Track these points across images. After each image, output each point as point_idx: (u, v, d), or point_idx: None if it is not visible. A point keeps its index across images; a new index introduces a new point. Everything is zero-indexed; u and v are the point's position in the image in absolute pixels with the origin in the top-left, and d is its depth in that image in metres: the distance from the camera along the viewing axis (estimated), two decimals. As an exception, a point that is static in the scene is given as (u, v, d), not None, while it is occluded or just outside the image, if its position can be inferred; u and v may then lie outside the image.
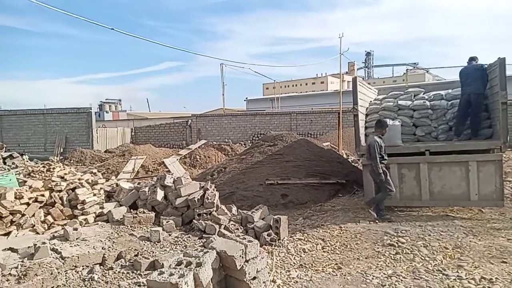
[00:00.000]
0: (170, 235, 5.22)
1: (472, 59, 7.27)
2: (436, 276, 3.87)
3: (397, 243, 4.85)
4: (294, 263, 4.37)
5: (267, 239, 5.00)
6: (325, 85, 63.56)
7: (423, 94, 7.93)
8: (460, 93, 7.24)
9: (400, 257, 4.43)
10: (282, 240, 5.10)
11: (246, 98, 51.07)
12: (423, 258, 4.37)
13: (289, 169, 9.24)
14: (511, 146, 14.34)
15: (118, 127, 23.27)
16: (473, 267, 4.05)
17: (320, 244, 5.01)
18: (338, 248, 4.85)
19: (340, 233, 5.44)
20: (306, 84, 67.55)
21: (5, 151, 10.95)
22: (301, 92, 56.12)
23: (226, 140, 20.11)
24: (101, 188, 6.64)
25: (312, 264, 4.31)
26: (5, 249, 4.10)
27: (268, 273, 3.88)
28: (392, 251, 4.63)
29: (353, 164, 10.98)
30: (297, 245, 4.98)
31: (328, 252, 4.71)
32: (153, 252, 4.54)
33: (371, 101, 8.44)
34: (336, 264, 4.30)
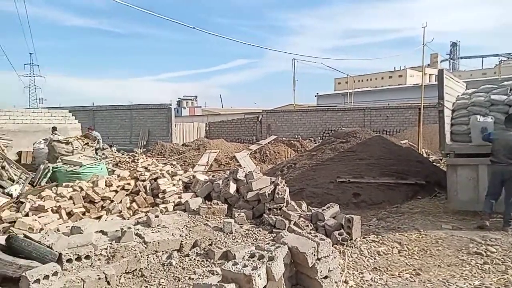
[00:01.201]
0: (241, 227, 5.36)
1: None
2: (535, 293, 3.41)
3: (485, 252, 4.40)
4: (367, 265, 4.19)
5: (338, 239, 4.87)
6: (403, 78, 59.52)
7: (522, 87, 6.97)
8: None
9: (489, 268, 3.99)
10: (355, 240, 4.92)
11: (317, 93, 50.27)
12: (518, 271, 3.88)
13: (362, 167, 8.86)
14: None
15: (194, 122, 24.60)
16: None
17: (396, 247, 4.73)
18: (417, 253, 4.53)
19: (418, 237, 5.08)
20: (382, 78, 63.94)
21: (97, 143, 12.24)
22: (376, 87, 53.42)
23: (296, 136, 20.02)
24: (179, 179, 7.06)
25: (387, 268, 4.09)
26: (97, 231, 4.57)
27: (340, 273, 3.78)
28: (479, 260, 4.21)
29: (434, 164, 10.15)
30: (370, 247, 4.76)
31: (405, 257, 4.43)
32: (226, 242, 4.70)
33: (458, 96, 7.68)
34: (414, 269, 4.02)
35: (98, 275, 3.43)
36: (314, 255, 3.16)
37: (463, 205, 6.13)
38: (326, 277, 3.26)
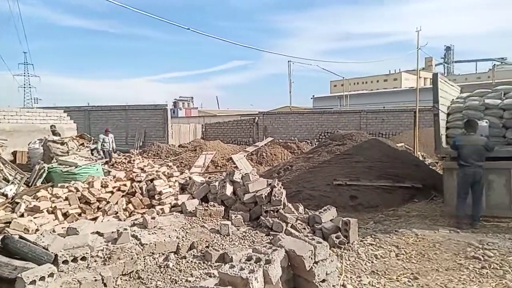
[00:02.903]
0: (238, 229, 5.33)
1: None
2: (532, 298, 3.42)
3: (483, 256, 4.40)
4: (365, 268, 4.18)
5: (335, 242, 4.86)
6: (399, 82, 59.87)
7: (516, 91, 7.03)
8: None
9: (487, 272, 4.00)
10: (352, 243, 4.91)
11: (313, 96, 50.37)
12: (516, 275, 3.89)
13: (359, 170, 8.87)
14: None
15: (190, 123, 24.55)
16: None
17: (394, 251, 4.73)
18: (414, 257, 4.53)
19: (416, 241, 5.09)
20: (378, 81, 64.29)
21: (92, 143, 12.17)
22: (371, 90, 53.64)
23: (292, 138, 20.04)
24: (175, 181, 7.03)
25: (385, 272, 4.08)
26: (93, 232, 4.53)
27: (338, 277, 3.77)
28: (477, 264, 4.21)
29: (430, 167, 10.19)
30: (368, 250, 4.76)
31: (402, 260, 4.43)
32: (223, 245, 4.68)
33: (453, 100, 7.73)
34: (412, 273, 4.01)
35: (94, 277, 3.39)
36: (311, 258, 3.15)
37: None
38: (323, 280, 3.24)
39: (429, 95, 6.73)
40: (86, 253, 3.73)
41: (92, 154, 12.20)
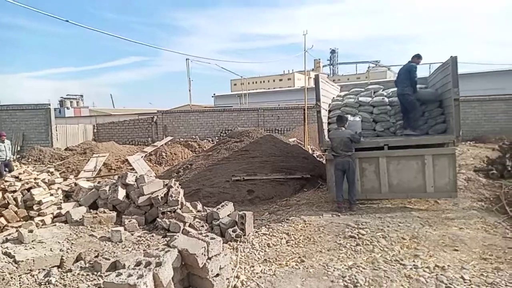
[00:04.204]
0: (132, 234, 5.10)
1: (417, 56, 7.40)
2: (394, 266, 4.03)
3: (357, 235, 5.02)
4: (258, 258, 4.41)
5: (232, 235, 5.01)
6: (292, 81, 64.29)
7: (382, 90, 8.22)
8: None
9: (361, 249, 4.58)
10: (248, 235, 5.12)
11: (214, 94, 50.64)
12: (382, 248, 4.55)
13: (256, 165, 9.28)
14: (463, 139, 15.33)
15: (79, 124, 22.35)
16: (428, 256, 4.27)
17: (285, 238, 5.08)
18: (302, 241, 4.94)
19: (304, 226, 5.54)
20: (274, 80, 68.00)
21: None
22: (268, 89, 56.42)
23: (194, 136, 19.88)
24: (58, 188, 6.36)
25: (276, 259, 4.36)
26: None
27: (232, 269, 3.90)
28: (353, 242, 4.78)
29: (318, 159, 11.20)
30: (262, 240, 5.01)
31: (292, 246, 4.79)
32: (115, 252, 4.43)
33: (333, 98, 8.64)
34: (299, 257, 4.38)
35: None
36: (205, 255, 3.20)
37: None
38: (217, 275, 3.32)
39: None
40: None
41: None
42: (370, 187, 6.70)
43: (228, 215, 5.63)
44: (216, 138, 19.91)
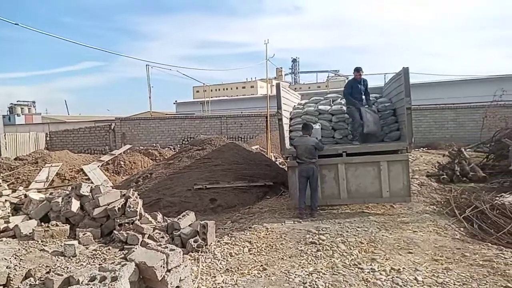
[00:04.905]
0: (87, 248, 4.86)
1: (355, 70, 7.76)
2: (352, 270, 4.14)
3: (318, 240, 5.10)
4: (220, 268, 4.35)
5: (193, 246, 4.92)
6: (255, 89, 64.90)
7: (341, 99, 8.50)
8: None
9: (321, 254, 4.66)
10: (209, 245, 5.05)
11: (176, 101, 49.82)
12: (341, 253, 4.66)
13: (218, 173, 9.20)
14: (417, 146, 16.20)
15: (31, 132, 21.05)
16: (384, 259, 4.43)
17: (247, 246, 5.06)
18: (264, 249, 4.94)
19: (266, 234, 5.55)
20: (237, 88, 68.27)
21: None
22: (231, 96, 56.48)
23: (154, 144, 19.38)
24: (6, 200, 5.94)
25: (238, 268, 4.33)
26: None
27: (193, 280, 3.82)
28: (314, 248, 4.86)
29: (280, 166, 11.32)
30: (224, 249, 4.96)
31: (254, 254, 4.78)
32: (68, 268, 4.20)
33: (294, 106, 8.81)
34: (262, 265, 4.37)
35: None
36: (164, 267, 3.10)
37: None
38: (177, 287, 3.23)
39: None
40: None
41: None
42: (330, 193, 6.87)
43: (189, 225, 5.53)
44: (178, 146, 19.55)
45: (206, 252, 4.84)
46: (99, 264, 4.26)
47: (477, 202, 6.33)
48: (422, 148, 16.25)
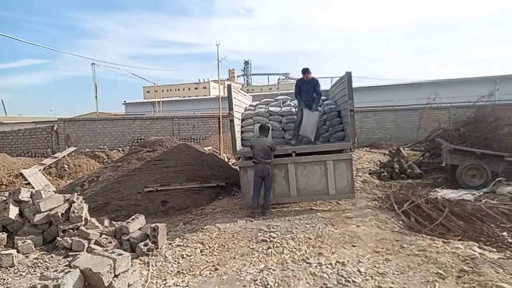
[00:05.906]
0: (27, 257, 4.59)
1: (302, 71, 7.82)
2: (301, 265, 4.32)
3: (269, 238, 5.24)
4: (171, 270, 4.32)
5: (143, 250, 4.83)
6: (208, 90, 64.42)
7: (290, 101, 8.78)
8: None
9: (271, 251, 4.80)
10: (160, 248, 4.99)
11: (125, 101, 47.93)
12: (291, 249, 4.83)
13: (170, 174, 9.06)
14: (361, 146, 17.09)
15: (-41, 134, 19.15)
16: (330, 253, 4.66)
17: (199, 248, 5.06)
18: (216, 249, 4.98)
19: (219, 234, 5.59)
20: (189, 89, 67.33)
21: None
22: (184, 97, 55.52)
23: (101, 146, 18.53)
24: None
25: (189, 269, 4.32)
26: None
27: (143, 285, 3.76)
28: (265, 246, 4.98)
29: (233, 166, 11.39)
30: (175, 252, 4.92)
31: (206, 255, 4.80)
32: (4, 279, 3.94)
33: (246, 107, 8.93)
34: (213, 265, 4.41)
35: None
36: (111, 272, 3.03)
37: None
38: (126, 292, 3.18)
39: (228, 103, 7.52)
40: None
41: None
42: (281, 192, 7.07)
43: (139, 229, 5.41)
44: (127, 148, 18.85)
45: (157, 256, 4.77)
46: (41, 273, 4.04)
47: (413, 197, 6.88)
48: (365, 148, 17.17)
